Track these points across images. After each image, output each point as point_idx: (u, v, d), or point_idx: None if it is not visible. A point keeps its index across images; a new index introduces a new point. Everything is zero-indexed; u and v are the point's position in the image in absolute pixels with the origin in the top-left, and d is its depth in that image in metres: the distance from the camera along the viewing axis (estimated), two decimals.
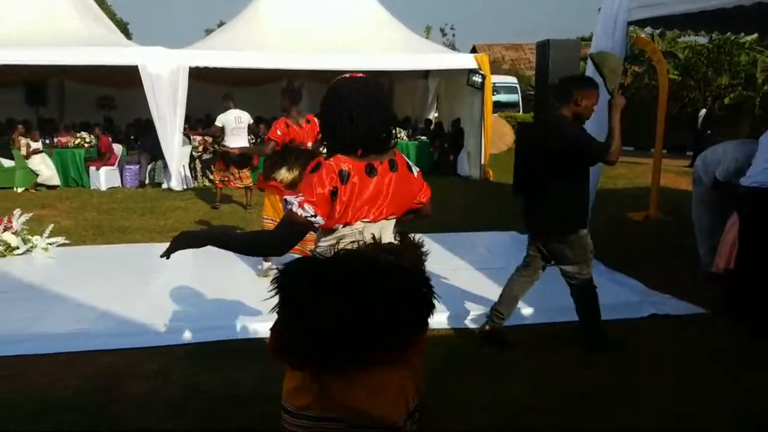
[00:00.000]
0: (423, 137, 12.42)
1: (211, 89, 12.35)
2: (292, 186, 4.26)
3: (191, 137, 10.93)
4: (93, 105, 14.03)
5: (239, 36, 11.43)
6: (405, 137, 12.13)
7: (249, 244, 1.92)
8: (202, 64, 10.04)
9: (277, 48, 10.82)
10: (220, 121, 8.48)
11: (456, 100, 12.52)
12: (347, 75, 1.92)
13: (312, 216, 1.75)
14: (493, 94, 12.78)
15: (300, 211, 1.75)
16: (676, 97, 17.39)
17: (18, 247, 5.80)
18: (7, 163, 10.08)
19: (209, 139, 10.67)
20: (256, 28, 11.48)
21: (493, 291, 4.71)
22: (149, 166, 10.81)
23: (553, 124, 3.58)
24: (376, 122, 1.83)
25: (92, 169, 10.56)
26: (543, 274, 3.88)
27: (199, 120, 12.41)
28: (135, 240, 6.66)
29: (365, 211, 1.82)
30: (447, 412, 3.03)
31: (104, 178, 10.50)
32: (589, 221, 5.35)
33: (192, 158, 10.91)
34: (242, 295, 4.48)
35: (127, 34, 27.43)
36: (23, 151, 9.95)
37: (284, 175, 4.46)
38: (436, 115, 14.48)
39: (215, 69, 10.25)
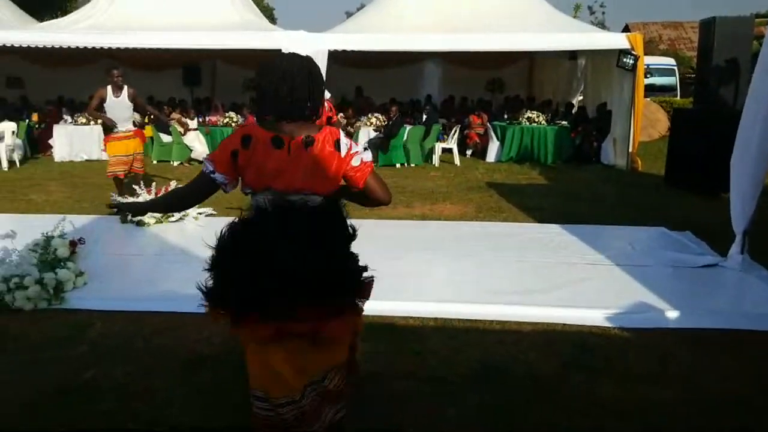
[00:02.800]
0: (563, 122, 11.75)
1: (349, 72, 12.79)
2: None
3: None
4: (241, 86, 14.98)
5: (378, 18, 11.50)
6: (543, 121, 11.57)
7: (171, 200, 2.22)
8: (340, 47, 10.20)
9: (417, 29, 10.75)
10: None
11: (603, 82, 11.67)
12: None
13: (211, 172, 1.95)
14: (647, 77, 11.78)
15: (203, 167, 1.98)
16: None
17: (173, 215, 6.33)
18: (166, 138, 11.07)
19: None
20: (395, 9, 11.48)
21: (633, 289, 4.36)
22: None
23: None
24: (302, 90, 1.93)
25: None
26: None
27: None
28: None
29: (269, 180, 1.92)
30: (575, 411, 2.83)
31: None
32: (753, 219, 4.79)
33: None
34: None
35: (273, 19, 29.04)
36: (180, 129, 10.87)
37: None
38: (580, 98, 13.66)
39: (353, 52, 10.40)
